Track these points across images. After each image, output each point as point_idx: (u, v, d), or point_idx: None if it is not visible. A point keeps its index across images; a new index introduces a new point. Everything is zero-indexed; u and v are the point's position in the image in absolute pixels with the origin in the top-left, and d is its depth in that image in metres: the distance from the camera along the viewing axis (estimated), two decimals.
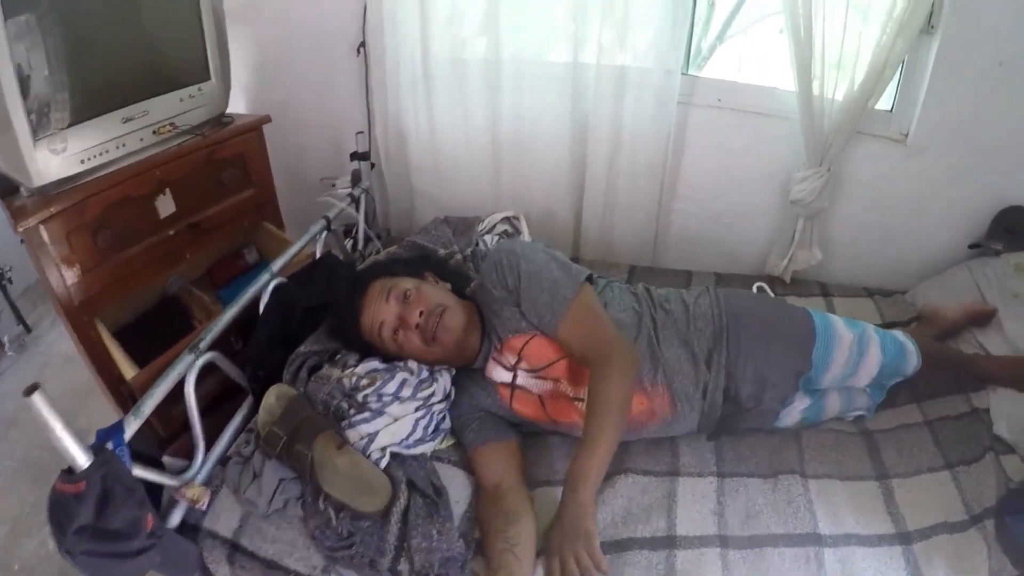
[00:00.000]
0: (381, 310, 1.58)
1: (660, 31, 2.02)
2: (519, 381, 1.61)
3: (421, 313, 1.56)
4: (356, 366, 1.62)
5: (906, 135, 2.02)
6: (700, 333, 1.57)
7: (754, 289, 2.13)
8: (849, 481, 1.49)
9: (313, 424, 1.47)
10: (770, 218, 2.27)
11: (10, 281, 2.97)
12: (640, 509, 1.44)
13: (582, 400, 1.53)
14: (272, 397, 1.55)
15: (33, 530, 2.28)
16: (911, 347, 1.62)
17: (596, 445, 1.37)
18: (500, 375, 1.63)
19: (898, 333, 1.65)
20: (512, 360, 1.60)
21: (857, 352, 1.57)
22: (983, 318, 1.85)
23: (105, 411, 2.41)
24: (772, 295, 2.08)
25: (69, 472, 1.21)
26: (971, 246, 2.09)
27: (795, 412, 1.59)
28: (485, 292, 1.63)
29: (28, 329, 3.14)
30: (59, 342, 3.04)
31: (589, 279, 1.61)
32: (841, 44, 1.85)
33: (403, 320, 1.57)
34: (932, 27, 1.85)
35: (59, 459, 1.18)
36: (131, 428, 1.37)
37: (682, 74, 2.09)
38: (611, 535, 1.39)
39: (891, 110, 2.03)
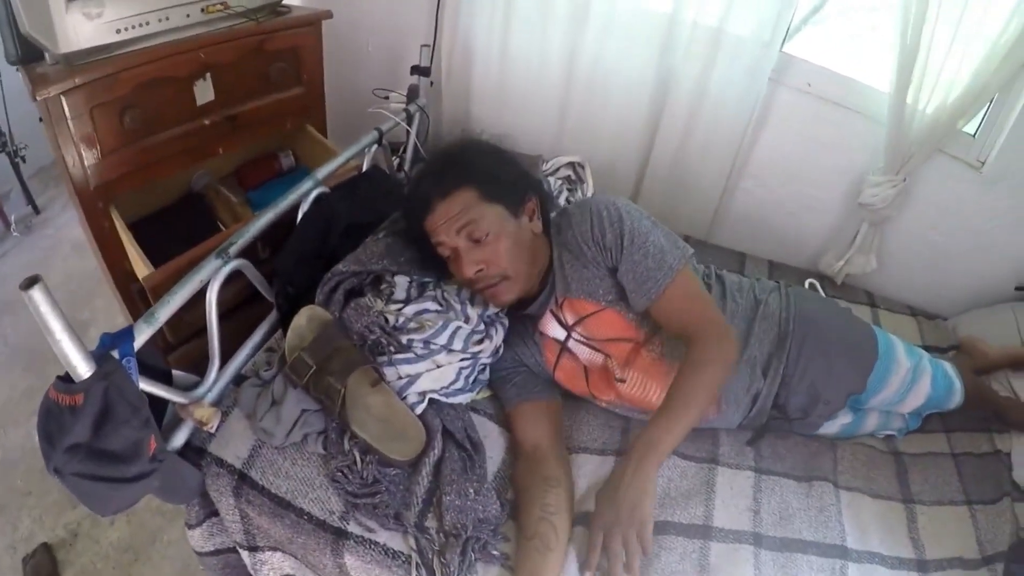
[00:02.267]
0: (445, 232, 1.28)
1: (766, 2, 1.76)
2: (570, 344, 1.37)
3: (480, 269, 1.27)
4: (403, 302, 1.34)
5: (983, 163, 1.80)
6: (764, 335, 1.36)
7: (806, 286, 1.92)
8: (878, 499, 1.36)
9: (348, 357, 1.22)
10: (833, 216, 2.06)
11: (23, 160, 2.67)
12: (679, 493, 1.29)
13: (624, 381, 1.34)
14: (303, 319, 1.28)
15: (20, 420, 2.06)
16: (958, 386, 1.45)
17: (676, 420, 1.14)
18: (554, 330, 1.38)
19: (949, 368, 1.48)
20: (571, 319, 1.36)
21: (910, 381, 1.39)
22: None
23: (111, 306, 2.17)
24: (824, 295, 1.89)
25: (66, 380, 0.95)
26: (1018, 288, 1.89)
27: (835, 425, 1.42)
28: (568, 242, 1.34)
29: (37, 211, 2.87)
30: (69, 227, 2.76)
31: None
32: (944, 58, 1.63)
33: (458, 259, 1.28)
34: None
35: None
36: (142, 336, 1.10)
37: (778, 51, 1.85)
38: None
39: (975, 135, 1.82)
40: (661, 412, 1.16)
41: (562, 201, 1.77)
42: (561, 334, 1.37)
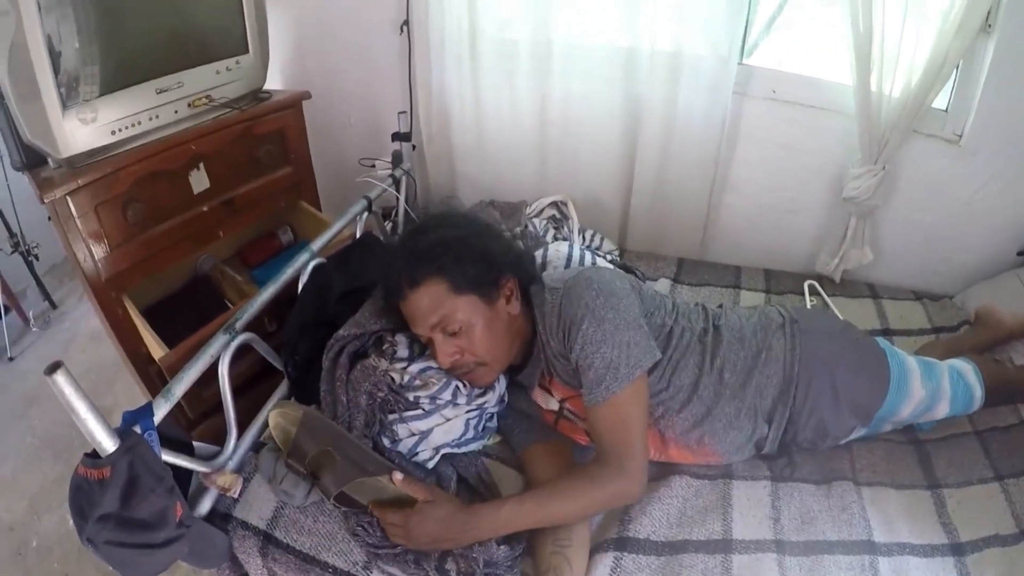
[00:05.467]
0: (420, 325, 1.32)
1: (716, 18, 1.85)
2: (566, 413, 1.42)
3: (456, 357, 1.32)
4: (407, 361, 1.41)
5: (960, 135, 1.85)
6: (767, 383, 1.35)
7: (805, 287, 1.98)
8: (902, 490, 1.37)
9: (332, 471, 1.25)
10: (821, 215, 2.11)
11: (36, 257, 2.81)
12: (695, 511, 1.32)
13: None
14: (278, 417, 1.32)
15: (53, 506, 2.14)
16: (978, 396, 1.43)
17: (532, 512, 1.19)
18: (547, 402, 1.44)
19: (971, 374, 1.44)
20: (559, 396, 1.41)
21: (925, 407, 1.41)
22: None
23: (131, 390, 2.27)
24: (827, 298, 1.95)
25: (93, 456, 1.04)
26: (1020, 253, 1.93)
27: (850, 439, 1.45)
28: (544, 326, 1.34)
29: (54, 305, 3.00)
30: (85, 319, 2.89)
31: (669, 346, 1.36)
32: (900, 39, 1.69)
33: (434, 348, 1.33)
34: (990, 27, 1.69)
35: (82, 435, 1.01)
36: (161, 411, 1.19)
37: (738, 64, 1.93)
38: (666, 535, 1.27)
39: (947, 109, 1.86)
40: (528, 500, 1.20)
41: (549, 239, 1.85)
42: (554, 405, 1.42)
